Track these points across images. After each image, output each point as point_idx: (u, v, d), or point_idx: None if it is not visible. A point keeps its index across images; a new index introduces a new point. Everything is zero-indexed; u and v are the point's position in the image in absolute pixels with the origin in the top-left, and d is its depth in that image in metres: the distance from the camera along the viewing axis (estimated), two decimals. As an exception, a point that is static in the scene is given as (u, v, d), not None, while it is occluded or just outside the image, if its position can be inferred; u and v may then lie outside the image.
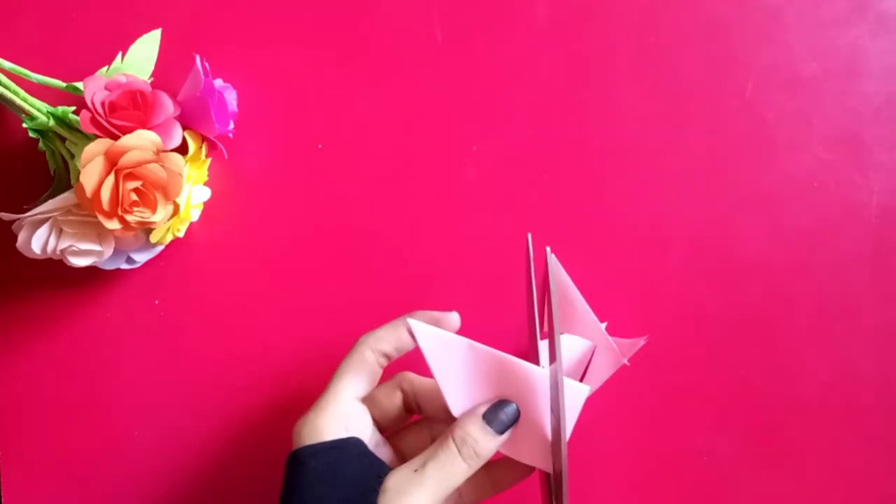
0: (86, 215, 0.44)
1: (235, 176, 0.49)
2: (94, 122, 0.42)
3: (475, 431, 0.38)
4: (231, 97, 0.48)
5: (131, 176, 0.42)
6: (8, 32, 0.49)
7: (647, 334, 0.47)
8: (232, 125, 0.48)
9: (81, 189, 0.41)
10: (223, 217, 0.49)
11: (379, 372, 0.41)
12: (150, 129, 0.43)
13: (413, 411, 0.43)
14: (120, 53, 0.46)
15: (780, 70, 0.49)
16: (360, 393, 0.40)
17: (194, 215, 0.48)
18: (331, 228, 0.49)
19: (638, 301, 0.49)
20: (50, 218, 0.44)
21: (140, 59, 0.46)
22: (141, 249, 0.47)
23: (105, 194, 0.42)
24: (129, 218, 0.42)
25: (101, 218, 0.42)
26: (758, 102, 0.49)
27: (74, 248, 0.44)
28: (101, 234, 0.45)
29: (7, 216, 0.45)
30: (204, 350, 0.49)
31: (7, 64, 0.45)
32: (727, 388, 0.49)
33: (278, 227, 0.49)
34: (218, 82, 0.48)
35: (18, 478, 0.50)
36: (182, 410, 0.49)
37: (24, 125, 0.45)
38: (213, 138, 0.47)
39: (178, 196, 0.43)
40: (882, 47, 0.49)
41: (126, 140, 0.42)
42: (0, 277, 0.50)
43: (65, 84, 0.46)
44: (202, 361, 0.49)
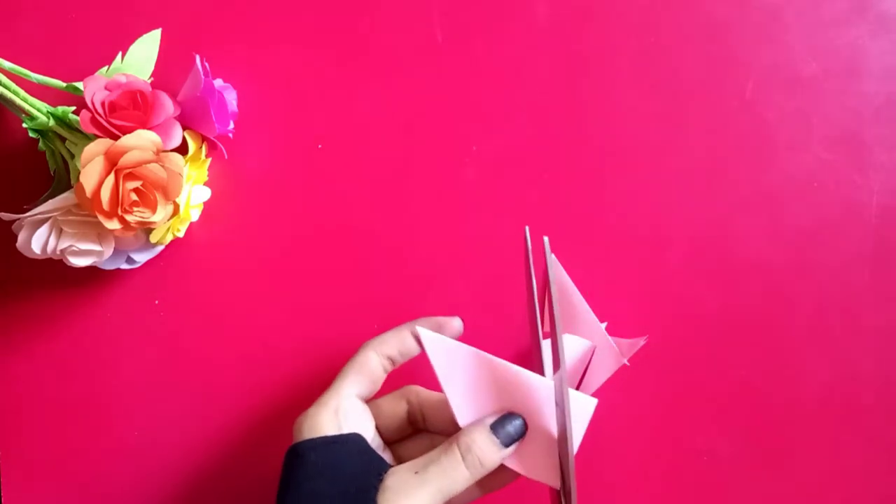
0: (86, 215, 0.44)
1: (235, 176, 0.49)
2: (94, 122, 0.42)
3: (481, 440, 0.38)
4: (231, 97, 0.48)
5: (131, 176, 0.42)
6: (8, 32, 0.49)
7: (647, 334, 0.47)
8: (232, 125, 0.48)
9: (81, 189, 0.41)
10: (223, 217, 0.49)
11: (382, 376, 0.41)
12: (150, 129, 0.43)
13: (417, 424, 0.42)
14: (120, 53, 0.46)
15: (780, 70, 0.49)
16: (362, 392, 0.40)
17: (194, 215, 0.48)
18: (331, 228, 0.49)
19: (638, 301, 0.49)
20: (50, 218, 0.44)
21: (140, 59, 0.46)
22: (141, 249, 0.47)
23: (105, 194, 0.42)
24: (129, 218, 0.42)
25: (101, 218, 0.42)
26: (758, 102, 0.49)
27: (74, 248, 0.44)
28: (101, 234, 0.45)
29: (7, 216, 0.45)
30: (204, 350, 0.49)
31: (7, 64, 0.45)
32: (727, 388, 0.49)
33: (278, 227, 0.49)
34: (218, 82, 0.48)
35: (18, 478, 0.50)
36: (182, 410, 0.49)
37: (24, 125, 0.45)
38: (213, 138, 0.47)
39: (178, 196, 0.43)
40: (882, 47, 0.49)
41: (126, 140, 0.42)
42: (0, 277, 0.50)
43: (65, 84, 0.46)
44: (202, 361, 0.49)
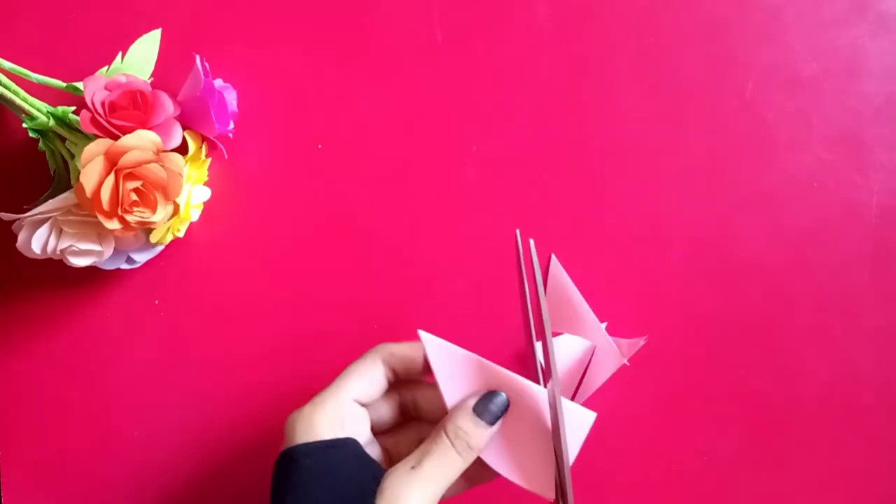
0: (86, 215, 0.44)
1: (235, 176, 0.49)
2: (94, 122, 0.42)
3: (466, 424, 0.38)
4: (231, 97, 0.48)
5: (131, 176, 0.42)
6: (8, 32, 0.49)
7: (647, 334, 0.47)
8: (232, 125, 0.48)
9: (81, 189, 0.41)
10: (223, 217, 0.49)
11: (385, 385, 0.40)
12: (150, 129, 0.43)
13: (409, 414, 0.42)
14: (120, 53, 0.46)
15: (780, 70, 0.49)
16: (361, 397, 0.39)
17: (194, 215, 0.48)
18: (331, 228, 0.49)
19: (638, 301, 0.49)
20: (50, 218, 0.44)
21: (140, 59, 0.46)
22: (141, 249, 0.47)
23: (105, 194, 0.42)
24: (129, 218, 0.42)
25: (101, 218, 0.42)
26: (758, 102, 0.49)
27: (74, 248, 0.44)
28: (101, 234, 0.45)
29: (7, 216, 0.45)
30: (204, 350, 0.49)
31: (7, 64, 0.45)
32: (727, 388, 0.49)
33: (278, 227, 0.49)
34: (218, 82, 0.48)
35: (18, 478, 0.50)
36: (182, 410, 0.49)
37: (24, 125, 0.45)
38: (213, 138, 0.47)
39: (178, 196, 0.43)
40: (882, 47, 0.49)
41: (126, 140, 0.42)
42: (0, 277, 0.50)
43: (65, 84, 0.46)
44: (202, 361, 0.49)
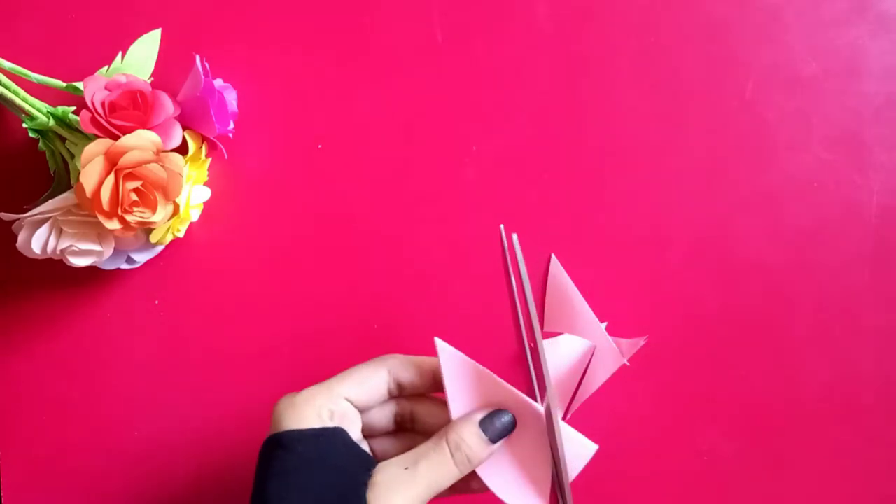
0: (86, 215, 0.44)
1: (235, 176, 0.49)
2: (94, 122, 0.42)
3: (470, 437, 0.38)
4: (231, 97, 0.48)
5: (131, 176, 0.42)
6: (8, 32, 0.49)
7: (647, 334, 0.47)
8: (232, 125, 0.48)
9: (81, 189, 0.41)
10: (223, 217, 0.49)
11: (383, 393, 0.40)
12: (150, 129, 0.43)
13: (404, 425, 0.42)
14: (120, 53, 0.46)
15: (780, 70, 0.49)
16: (355, 399, 0.39)
17: (194, 215, 0.48)
18: (331, 228, 0.49)
19: (638, 301, 0.49)
20: (50, 218, 0.44)
21: (140, 59, 0.46)
22: (141, 249, 0.47)
23: (105, 194, 0.42)
24: (129, 218, 0.42)
25: (101, 218, 0.42)
26: (758, 102, 0.49)
27: (74, 248, 0.44)
28: (101, 234, 0.45)
29: (7, 216, 0.45)
30: (204, 350, 0.49)
31: (7, 64, 0.45)
32: (727, 388, 0.49)
33: (278, 227, 0.49)
34: (218, 82, 0.48)
35: (18, 478, 0.50)
36: (182, 410, 0.49)
37: (24, 125, 0.45)
38: (213, 138, 0.47)
39: (178, 196, 0.43)
40: (882, 47, 0.49)
41: (126, 140, 0.42)
42: (0, 277, 0.50)
43: (65, 84, 0.46)
44: (202, 361, 0.49)
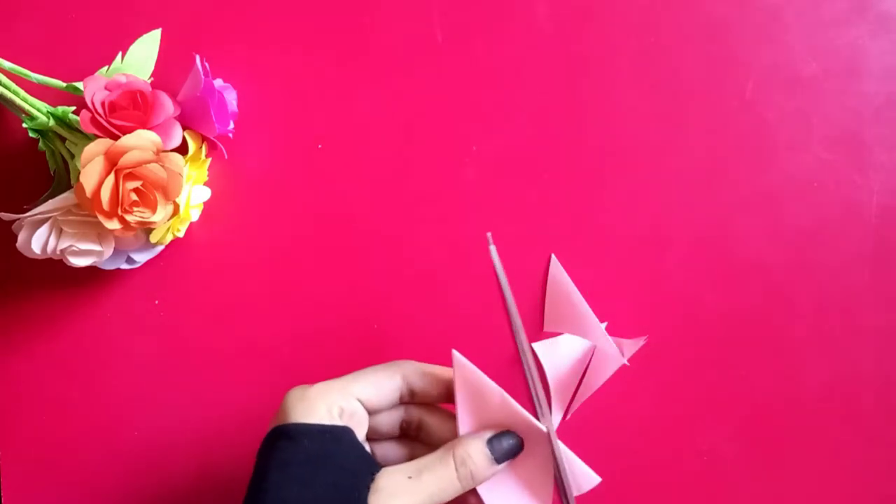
0: (86, 215, 0.44)
1: (235, 176, 0.49)
2: (94, 122, 0.42)
3: (476, 454, 0.38)
4: (231, 97, 0.48)
5: (131, 176, 0.42)
6: (8, 32, 0.49)
7: (647, 334, 0.47)
8: (232, 125, 0.48)
9: (81, 189, 0.41)
10: (223, 217, 0.49)
11: (394, 398, 0.40)
12: (150, 129, 0.43)
13: (409, 432, 0.42)
14: (120, 53, 0.46)
15: (780, 70, 0.49)
16: (367, 401, 0.39)
17: (194, 215, 0.48)
18: (331, 228, 0.49)
19: (638, 301, 0.49)
20: (50, 218, 0.44)
21: (140, 59, 0.46)
22: (141, 249, 0.47)
23: (105, 194, 0.42)
24: (129, 218, 0.42)
25: (101, 218, 0.42)
26: (758, 102, 0.49)
27: (74, 248, 0.44)
28: (101, 234, 0.45)
29: (7, 216, 0.45)
30: (204, 350, 0.49)
31: (7, 64, 0.45)
32: (727, 388, 0.49)
33: (278, 227, 0.49)
34: (218, 82, 0.48)
35: (18, 478, 0.50)
36: (182, 410, 0.49)
37: (24, 125, 0.45)
38: (213, 138, 0.47)
39: (178, 196, 0.43)
40: (882, 47, 0.49)
41: (126, 140, 0.42)
42: (0, 277, 0.50)
43: (65, 84, 0.46)
44: (202, 361, 0.49)
